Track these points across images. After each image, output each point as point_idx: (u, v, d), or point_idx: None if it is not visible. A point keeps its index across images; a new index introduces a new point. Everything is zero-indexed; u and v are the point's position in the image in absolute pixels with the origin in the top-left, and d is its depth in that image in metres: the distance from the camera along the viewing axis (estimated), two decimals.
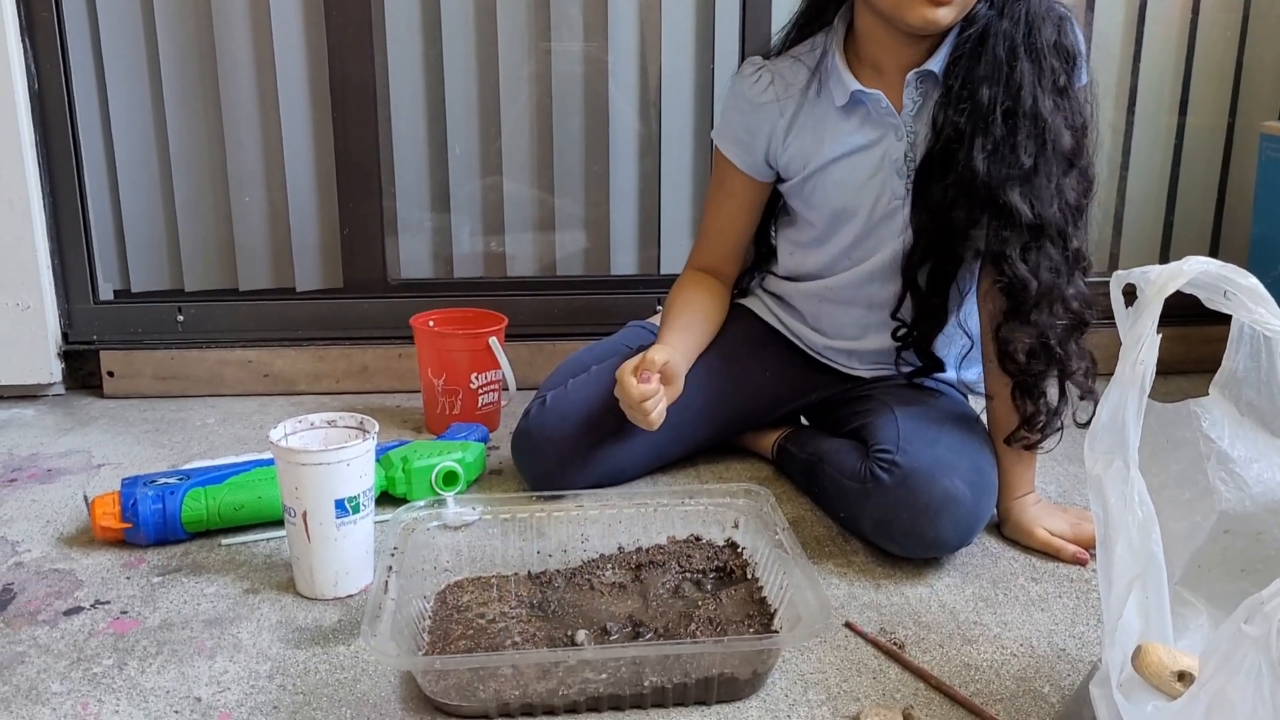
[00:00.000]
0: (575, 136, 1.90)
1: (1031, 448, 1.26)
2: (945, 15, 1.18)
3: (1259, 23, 1.96)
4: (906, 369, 1.40)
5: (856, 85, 1.29)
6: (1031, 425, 1.23)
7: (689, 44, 1.88)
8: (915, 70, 1.26)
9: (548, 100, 1.88)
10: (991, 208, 1.20)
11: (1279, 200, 1.78)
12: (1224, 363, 0.95)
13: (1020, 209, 1.17)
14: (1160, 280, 0.87)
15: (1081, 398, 1.22)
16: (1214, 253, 2.06)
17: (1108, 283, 0.91)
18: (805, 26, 1.39)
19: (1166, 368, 1.73)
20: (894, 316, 1.36)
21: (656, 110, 1.90)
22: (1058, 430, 1.24)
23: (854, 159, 1.32)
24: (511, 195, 1.92)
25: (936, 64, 1.25)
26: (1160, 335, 0.88)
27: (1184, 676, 0.79)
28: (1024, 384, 1.22)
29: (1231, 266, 0.88)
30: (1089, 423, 1.20)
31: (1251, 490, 0.92)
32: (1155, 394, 1.63)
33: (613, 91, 1.88)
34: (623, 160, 1.92)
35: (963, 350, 1.37)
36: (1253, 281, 0.88)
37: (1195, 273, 0.87)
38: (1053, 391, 1.23)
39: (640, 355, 1.28)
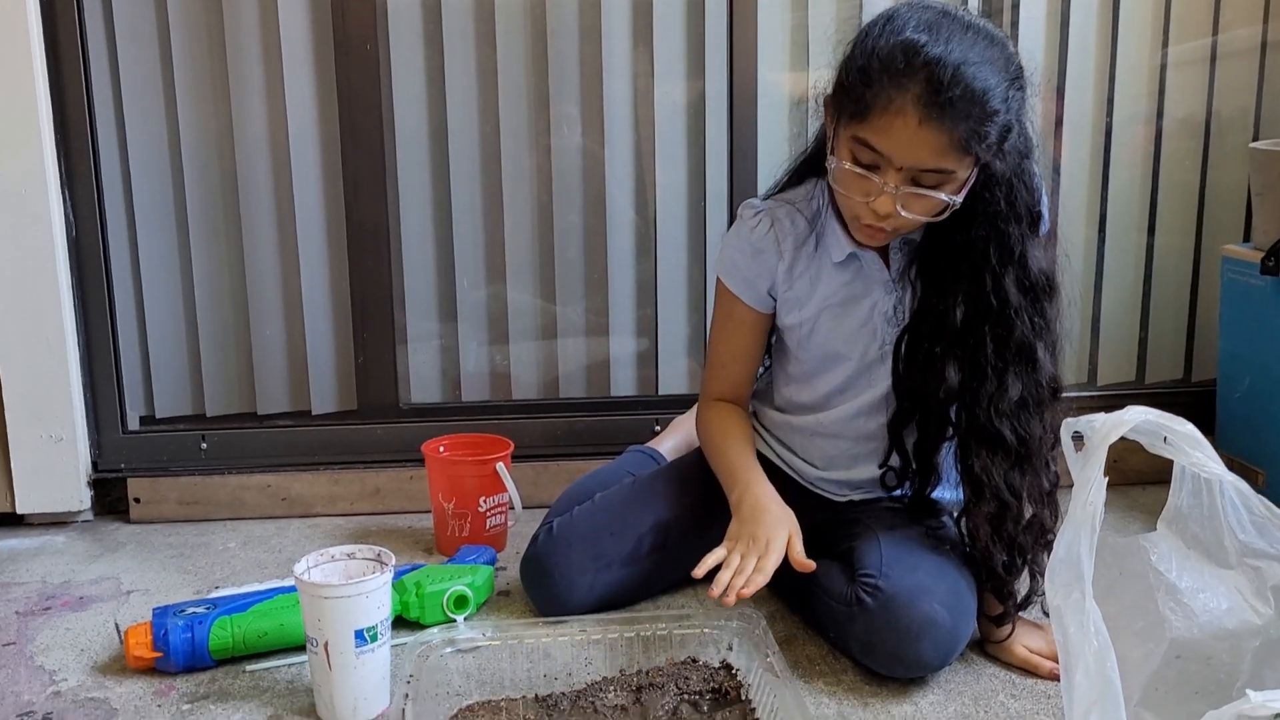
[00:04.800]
0: (575, 237, 2.02)
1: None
2: (881, 240, 1.32)
3: (1219, 152, 2.09)
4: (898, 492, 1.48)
5: (852, 248, 1.37)
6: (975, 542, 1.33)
7: (681, 147, 2.02)
8: (900, 236, 1.36)
9: (549, 201, 2.00)
10: (963, 347, 1.31)
11: (1243, 318, 1.88)
12: (1169, 500, 1.04)
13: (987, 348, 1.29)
14: (1104, 429, 0.96)
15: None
16: (1188, 364, 2.17)
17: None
18: (800, 172, 1.46)
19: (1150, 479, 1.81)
20: (882, 465, 1.44)
21: (652, 210, 2.02)
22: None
23: (846, 309, 1.41)
24: (515, 305, 2.03)
25: (917, 232, 1.35)
26: (1113, 473, 0.98)
27: None
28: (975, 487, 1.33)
29: (1169, 415, 0.97)
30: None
31: (1199, 619, 1.00)
32: (1140, 504, 1.73)
33: (610, 191, 2.01)
34: (620, 266, 2.04)
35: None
36: (1189, 428, 0.98)
37: (1136, 421, 0.97)
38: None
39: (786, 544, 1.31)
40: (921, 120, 1.17)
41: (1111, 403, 2.00)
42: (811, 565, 1.29)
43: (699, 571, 1.27)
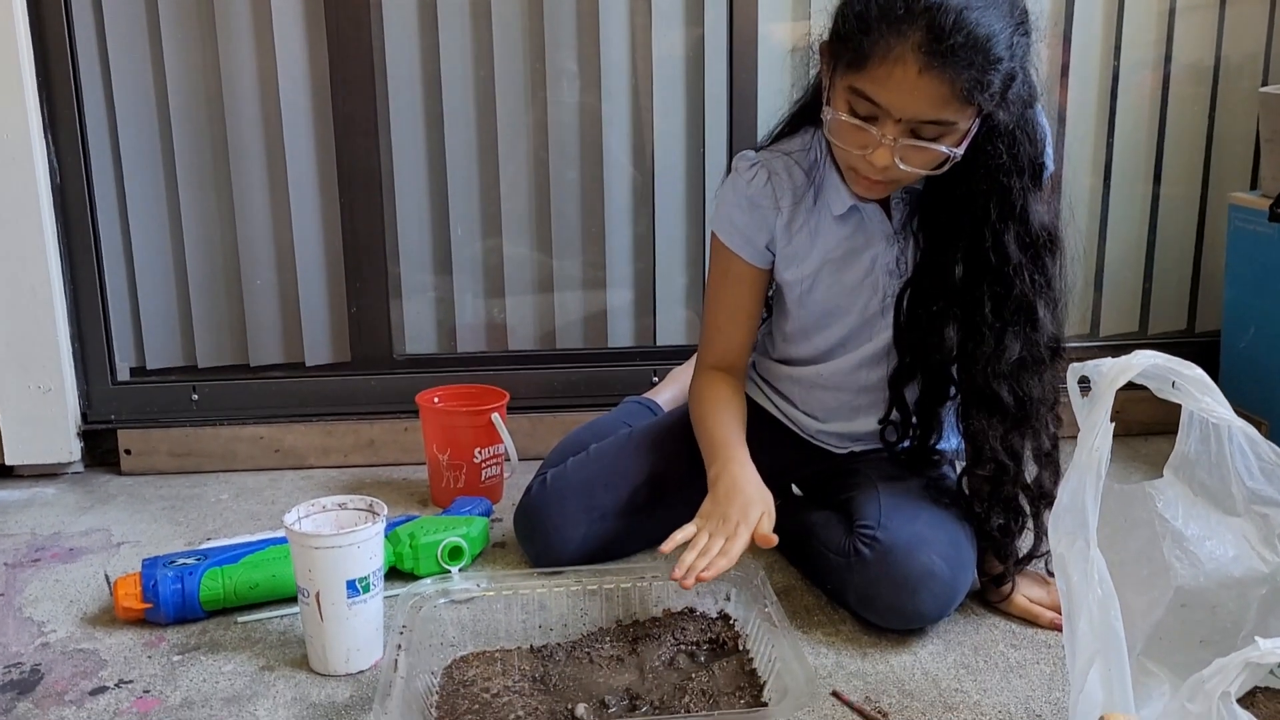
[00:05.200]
0: (572, 190, 1.98)
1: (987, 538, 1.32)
2: (879, 192, 1.27)
3: (1227, 97, 2.05)
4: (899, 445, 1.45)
5: (853, 201, 1.32)
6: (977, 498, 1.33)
7: (679, 97, 1.97)
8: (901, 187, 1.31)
9: (545, 153, 1.96)
10: (962, 306, 1.28)
11: (1249, 267, 1.85)
12: (1176, 446, 1.02)
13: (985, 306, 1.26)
14: (1111, 373, 0.94)
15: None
16: (1191, 314, 2.14)
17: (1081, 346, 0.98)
18: (796, 121, 1.40)
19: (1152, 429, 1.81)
20: (882, 421, 1.41)
21: (650, 161, 1.98)
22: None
23: (847, 262, 1.37)
24: (511, 258, 2.00)
25: (919, 181, 1.29)
26: (1114, 423, 0.95)
27: None
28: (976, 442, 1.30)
29: (1177, 359, 0.95)
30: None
31: (1205, 567, 0.99)
32: (1142, 454, 1.71)
33: (607, 141, 1.97)
34: (618, 218, 2.00)
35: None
36: (1198, 372, 0.95)
37: (1144, 366, 0.94)
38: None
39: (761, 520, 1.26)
40: (922, 70, 1.12)
41: (1114, 353, 1.98)
42: (774, 540, 1.24)
43: (666, 547, 1.22)
